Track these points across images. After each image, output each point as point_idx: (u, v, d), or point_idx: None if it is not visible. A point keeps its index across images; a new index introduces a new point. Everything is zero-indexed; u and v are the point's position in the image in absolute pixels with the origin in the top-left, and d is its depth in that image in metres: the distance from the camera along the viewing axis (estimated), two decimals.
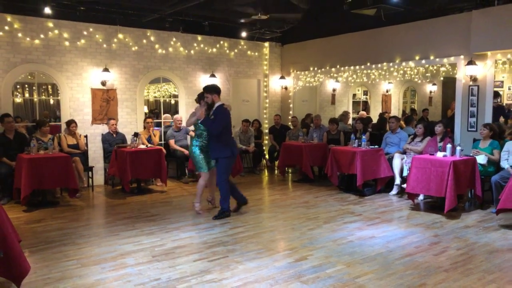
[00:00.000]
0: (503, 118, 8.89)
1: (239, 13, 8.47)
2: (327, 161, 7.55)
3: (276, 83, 10.87)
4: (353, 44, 9.13)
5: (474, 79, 7.11)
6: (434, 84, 12.91)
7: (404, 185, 6.65)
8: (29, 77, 8.20)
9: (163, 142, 8.99)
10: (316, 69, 9.96)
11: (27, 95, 8.80)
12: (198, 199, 6.08)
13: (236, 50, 10.12)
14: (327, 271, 3.96)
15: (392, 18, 7.89)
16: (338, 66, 9.42)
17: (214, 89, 5.87)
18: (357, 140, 7.42)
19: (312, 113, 10.44)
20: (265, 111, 10.84)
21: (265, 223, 5.63)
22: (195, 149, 5.98)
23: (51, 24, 7.76)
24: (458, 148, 6.10)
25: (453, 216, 5.80)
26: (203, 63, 9.61)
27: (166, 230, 5.25)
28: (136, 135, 7.73)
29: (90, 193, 7.61)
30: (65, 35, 7.91)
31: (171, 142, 8.65)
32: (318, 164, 8.59)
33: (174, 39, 9.15)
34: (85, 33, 8.10)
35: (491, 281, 3.74)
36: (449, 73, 9.15)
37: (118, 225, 5.51)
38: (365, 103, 12.73)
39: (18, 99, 8.89)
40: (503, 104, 9.99)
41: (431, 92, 13.17)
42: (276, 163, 9.57)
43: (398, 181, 7.16)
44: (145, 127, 8.59)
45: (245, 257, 4.29)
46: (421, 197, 6.74)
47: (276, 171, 9.62)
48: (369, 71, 9.44)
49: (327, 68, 9.66)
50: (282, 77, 10.74)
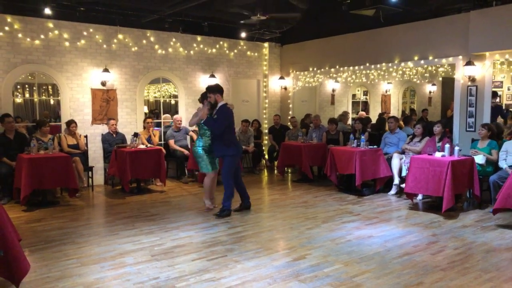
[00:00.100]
0: (502, 118, 8.91)
1: (238, 13, 8.50)
2: (326, 161, 7.58)
3: (276, 83, 10.90)
4: (352, 44, 9.15)
5: (472, 79, 7.13)
6: (433, 84, 12.92)
7: (403, 185, 6.68)
8: (29, 77, 8.23)
9: (162, 142, 9.02)
10: (315, 69, 9.98)
11: (27, 95, 8.82)
12: (207, 195, 6.22)
13: (235, 51, 10.15)
14: (324, 270, 3.98)
15: (391, 19, 7.91)
16: (337, 67, 9.44)
17: (217, 89, 5.96)
18: (356, 140, 7.44)
19: (311, 113, 10.47)
20: (264, 111, 10.86)
21: (264, 222, 5.66)
22: (198, 149, 6.02)
23: (51, 25, 7.79)
24: (457, 148, 6.12)
25: (451, 216, 5.83)
26: (202, 63, 9.64)
27: (166, 229, 5.28)
28: (135, 135, 7.76)
29: (90, 193, 7.64)
30: (65, 35, 7.94)
31: (171, 142, 8.68)
32: (317, 164, 8.62)
33: (174, 39, 9.18)
34: (85, 33, 8.13)
35: (487, 280, 3.76)
36: (449, 73, 9.16)
37: (118, 224, 5.54)
38: (365, 103, 12.75)
39: (19, 99, 8.92)
40: (501, 104, 10.01)
41: (430, 92, 13.18)
42: (276, 163, 9.61)
43: (396, 181, 7.19)
44: (145, 127, 8.61)
45: (243, 256, 4.32)
46: (419, 197, 6.77)
47: (275, 171, 9.65)
48: (368, 71, 9.46)
49: (326, 68, 9.69)
50: (282, 78, 10.77)
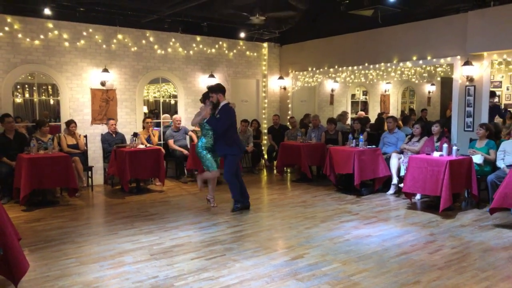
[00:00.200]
0: (500, 117, 8.94)
1: (237, 14, 8.52)
2: (325, 160, 7.60)
3: (275, 83, 10.92)
4: (351, 44, 9.17)
5: (470, 79, 7.16)
6: (432, 84, 12.95)
7: (401, 185, 6.70)
8: (29, 77, 8.25)
9: (162, 142, 9.04)
10: (314, 69, 10.00)
11: (27, 95, 8.84)
12: (212, 193, 6.35)
13: (235, 51, 10.17)
14: (322, 269, 4.01)
15: (389, 19, 7.93)
16: (336, 67, 9.47)
17: (219, 88, 6.04)
18: (354, 140, 7.47)
19: (310, 113, 10.49)
20: (264, 111, 10.89)
21: (262, 222, 5.68)
22: (201, 149, 6.07)
23: (51, 25, 7.81)
24: (454, 148, 6.15)
25: (449, 215, 5.86)
26: (202, 63, 9.66)
27: (165, 229, 5.31)
28: (135, 135, 7.78)
29: (89, 193, 7.66)
30: (65, 35, 7.96)
31: (170, 142, 8.70)
32: (316, 164, 8.64)
33: (173, 39, 9.20)
34: (84, 33, 8.15)
35: (484, 279, 3.79)
36: (448, 73, 9.20)
37: (117, 224, 5.56)
38: (364, 103, 12.77)
39: (18, 99, 8.93)
40: (499, 104, 10.03)
41: (429, 92, 13.21)
42: (275, 163, 9.63)
43: (395, 180, 7.21)
44: (144, 127, 8.64)
45: (242, 256, 4.35)
46: (418, 196, 6.80)
47: (274, 171, 9.67)
48: (367, 71, 9.49)
49: (325, 68, 9.71)
50: (281, 78, 10.79)
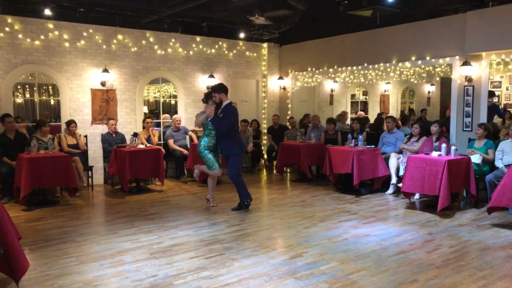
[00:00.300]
0: (499, 117, 8.95)
1: (237, 14, 8.55)
2: (324, 160, 7.62)
3: (275, 84, 10.94)
4: (351, 45, 9.19)
5: (469, 79, 7.18)
6: (432, 85, 12.97)
7: (400, 185, 6.72)
8: (29, 77, 8.28)
9: (162, 142, 9.07)
10: (314, 69, 10.03)
11: (27, 95, 8.87)
12: (211, 193, 6.39)
13: (234, 51, 10.20)
14: (321, 268, 4.03)
15: (388, 19, 7.96)
16: (335, 67, 9.49)
17: (221, 88, 6.09)
18: (353, 140, 7.49)
19: (310, 113, 10.51)
20: (263, 111, 10.91)
21: (261, 221, 5.71)
22: (203, 148, 6.10)
23: (51, 25, 7.84)
24: (453, 148, 6.17)
25: (447, 215, 5.88)
26: (202, 63, 9.69)
27: (164, 228, 5.33)
28: (135, 135, 7.81)
29: (89, 192, 7.69)
30: (65, 36, 7.99)
31: (170, 142, 8.73)
32: (315, 163, 8.67)
33: (173, 40, 9.23)
34: (85, 34, 8.18)
35: (481, 278, 3.82)
36: (447, 73, 9.22)
37: (117, 223, 5.59)
38: (364, 103, 12.79)
39: (19, 100, 8.96)
40: (497, 104, 10.05)
41: (429, 92, 13.23)
42: (274, 162, 9.65)
43: (394, 180, 7.24)
44: (144, 127, 8.67)
45: (241, 255, 4.37)
46: (417, 196, 6.82)
47: (274, 170, 9.70)
48: (366, 71, 9.51)
49: (325, 68, 9.73)
50: (281, 78, 10.81)
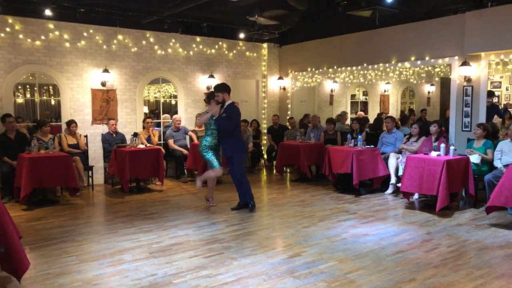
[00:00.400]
0: (499, 117, 8.95)
1: (237, 15, 8.57)
2: (324, 160, 7.64)
3: (275, 84, 10.97)
4: (350, 45, 9.22)
5: (468, 79, 7.20)
6: (432, 85, 12.98)
7: (399, 184, 6.74)
8: (30, 77, 8.31)
9: (162, 142, 9.10)
10: (313, 69, 10.05)
11: (28, 95, 8.90)
12: (211, 193, 6.41)
13: (234, 51, 10.22)
14: (319, 267, 4.06)
15: (387, 20, 7.98)
16: (335, 67, 9.51)
17: (224, 88, 6.13)
18: (353, 140, 7.51)
19: (310, 113, 10.53)
20: (263, 111, 10.94)
21: (261, 221, 5.73)
22: (205, 147, 6.13)
23: (51, 26, 7.87)
24: (452, 148, 6.19)
25: (446, 215, 5.90)
26: (202, 64, 9.71)
27: (164, 227, 5.36)
28: (135, 135, 7.84)
29: (90, 192, 7.72)
30: (66, 36, 8.02)
31: (170, 142, 8.76)
32: (315, 163, 8.69)
33: (173, 40, 9.26)
34: (85, 34, 8.21)
35: (479, 277, 3.84)
36: (447, 73, 9.23)
37: (117, 223, 5.61)
38: (364, 103, 12.80)
39: (20, 100, 9.00)
40: (497, 104, 10.05)
41: (429, 92, 13.24)
42: (274, 162, 9.67)
43: (393, 180, 7.25)
44: (144, 127, 8.69)
45: (240, 254, 4.39)
46: (416, 196, 6.84)
47: (274, 170, 9.72)
48: (365, 71, 9.53)
49: (325, 68, 9.75)
50: (280, 78, 10.84)
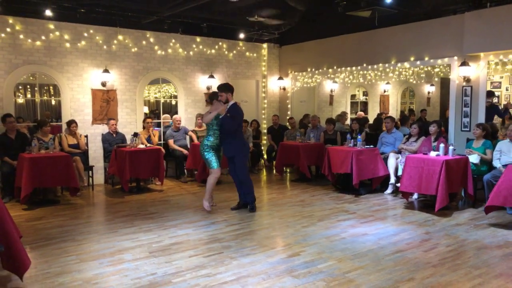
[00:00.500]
0: (499, 117, 8.96)
1: (237, 15, 8.59)
2: (323, 160, 7.66)
3: (275, 84, 10.99)
4: (350, 45, 9.23)
5: (467, 80, 7.22)
6: (432, 85, 12.99)
7: (399, 184, 6.75)
8: (30, 78, 8.33)
9: (162, 142, 9.12)
10: (313, 70, 10.07)
11: (29, 95, 8.93)
12: (208, 196, 6.16)
13: (234, 51, 10.24)
14: (318, 266, 4.07)
15: (387, 20, 8.00)
16: (335, 67, 9.53)
17: (228, 88, 6.16)
18: (352, 140, 7.52)
19: (310, 113, 10.55)
20: (263, 111, 10.96)
21: (260, 220, 5.75)
22: (206, 147, 6.11)
23: (52, 26, 7.89)
24: (451, 148, 6.20)
25: (445, 214, 5.92)
26: (202, 64, 9.73)
27: (164, 227, 5.38)
28: (135, 135, 7.86)
29: (90, 192, 7.74)
30: (66, 36, 8.04)
31: (170, 142, 8.78)
32: (315, 163, 8.70)
33: (173, 40, 9.28)
34: (85, 34, 8.23)
35: (477, 276, 3.85)
36: (447, 74, 9.24)
37: (117, 222, 5.63)
38: (364, 103, 12.81)
39: (20, 100, 9.03)
40: (497, 104, 10.06)
41: (429, 92, 13.25)
42: (274, 162, 9.68)
43: (393, 180, 7.27)
44: (144, 127, 8.71)
45: (239, 253, 4.41)
46: (415, 195, 6.86)
47: (274, 170, 9.73)
48: (365, 72, 9.55)
49: (324, 69, 9.77)
50: (280, 78, 10.86)
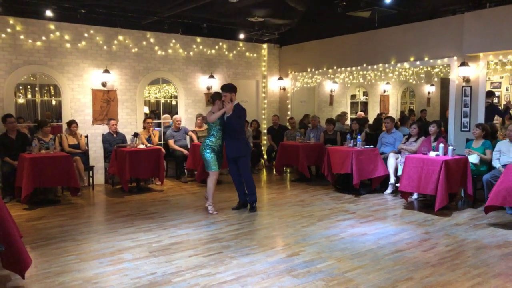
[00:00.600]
0: (499, 117, 8.96)
1: (237, 15, 8.61)
2: (323, 160, 7.67)
3: (275, 84, 11.00)
4: (350, 45, 9.25)
5: (467, 80, 7.23)
6: (432, 85, 12.99)
7: (399, 184, 6.76)
8: (31, 78, 8.36)
9: (162, 142, 9.13)
10: (313, 70, 10.08)
11: (29, 96, 8.95)
12: (211, 198, 6.12)
13: (234, 52, 10.26)
14: (317, 266, 4.08)
15: (386, 20, 8.01)
16: (335, 67, 9.54)
17: (232, 88, 6.20)
18: (352, 140, 7.53)
19: (310, 113, 10.57)
20: (263, 111, 10.97)
21: (260, 220, 5.76)
22: (207, 147, 6.08)
23: (52, 27, 7.91)
24: (450, 148, 6.21)
25: (444, 214, 5.93)
26: (202, 64, 9.75)
27: (164, 227, 5.39)
28: (135, 135, 7.87)
29: (90, 192, 7.75)
30: (66, 37, 8.06)
31: (170, 142, 8.80)
32: (315, 163, 8.71)
33: (174, 40, 9.29)
34: (86, 35, 8.25)
35: (476, 276, 3.86)
36: (447, 74, 9.24)
37: (117, 222, 5.65)
38: (364, 104, 12.82)
39: (21, 100, 9.05)
40: (496, 104, 10.06)
41: (429, 93, 13.25)
42: (274, 163, 9.69)
43: (392, 180, 7.28)
44: (144, 127, 8.73)
45: (239, 253, 4.43)
46: (415, 195, 6.87)
47: (274, 170, 9.74)
48: (365, 72, 9.56)
49: (324, 69, 9.78)
50: (280, 78, 10.87)
